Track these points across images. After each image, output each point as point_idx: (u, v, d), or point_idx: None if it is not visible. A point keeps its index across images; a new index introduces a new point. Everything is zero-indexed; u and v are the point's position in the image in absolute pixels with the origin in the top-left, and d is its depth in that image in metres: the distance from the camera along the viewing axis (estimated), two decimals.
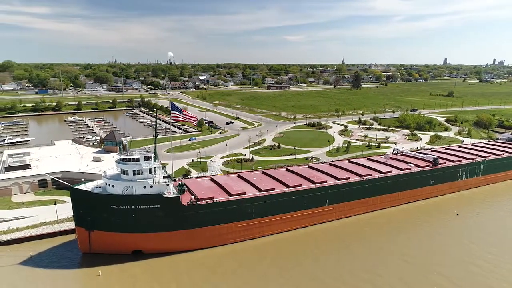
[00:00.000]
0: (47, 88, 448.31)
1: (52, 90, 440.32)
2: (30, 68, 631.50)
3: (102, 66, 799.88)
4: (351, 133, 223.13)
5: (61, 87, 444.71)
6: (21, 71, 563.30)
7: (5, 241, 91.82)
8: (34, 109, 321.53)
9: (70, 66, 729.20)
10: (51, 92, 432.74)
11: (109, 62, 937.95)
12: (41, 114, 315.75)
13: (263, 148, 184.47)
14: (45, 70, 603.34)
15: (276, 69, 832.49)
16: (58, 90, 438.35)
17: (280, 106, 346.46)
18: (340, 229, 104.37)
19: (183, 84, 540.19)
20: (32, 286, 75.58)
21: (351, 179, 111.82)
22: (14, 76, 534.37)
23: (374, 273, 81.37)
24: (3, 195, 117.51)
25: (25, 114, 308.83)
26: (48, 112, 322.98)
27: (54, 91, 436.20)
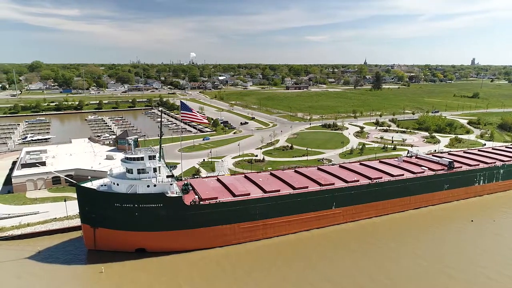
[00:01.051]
0: (71, 88, 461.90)
1: (76, 90, 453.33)
2: (57, 68, 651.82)
3: (125, 66, 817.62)
4: (367, 135, 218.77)
5: (83, 87, 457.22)
6: (48, 71, 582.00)
7: (16, 236, 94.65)
8: (57, 108, 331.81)
9: (95, 66, 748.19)
10: (75, 91, 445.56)
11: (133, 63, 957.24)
12: (64, 113, 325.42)
13: (276, 149, 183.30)
14: (71, 70, 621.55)
15: (296, 69, 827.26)
16: (81, 90, 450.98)
17: (297, 106, 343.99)
18: (347, 232, 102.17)
19: (202, 84, 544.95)
20: (36, 280, 77.43)
21: (360, 182, 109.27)
22: (41, 76, 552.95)
23: (381, 278, 79.08)
24: (18, 191, 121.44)
25: (48, 112, 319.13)
26: (70, 111, 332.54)
27: (78, 91, 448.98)
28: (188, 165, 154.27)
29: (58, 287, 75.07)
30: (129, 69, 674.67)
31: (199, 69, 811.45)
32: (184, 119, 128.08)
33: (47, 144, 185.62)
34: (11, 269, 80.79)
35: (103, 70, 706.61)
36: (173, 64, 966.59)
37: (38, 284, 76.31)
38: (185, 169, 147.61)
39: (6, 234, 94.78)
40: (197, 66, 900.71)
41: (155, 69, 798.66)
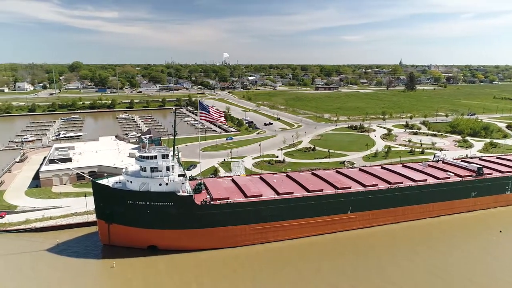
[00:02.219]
0: (106, 87, 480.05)
1: (110, 89, 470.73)
2: (94, 68, 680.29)
3: (159, 66, 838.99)
4: (394, 138, 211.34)
5: (117, 86, 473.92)
6: (86, 71, 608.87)
7: (38, 228, 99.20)
8: (91, 107, 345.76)
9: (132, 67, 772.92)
10: (109, 91, 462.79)
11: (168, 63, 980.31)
12: (97, 111, 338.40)
13: (298, 150, 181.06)
14: (108, 71, 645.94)
15: (327, 70, 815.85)
16: (115, 89, 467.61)
17: (324, 107, 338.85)
18: (363, 238, 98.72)
19: (231, 84, 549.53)
20: (50, 271, 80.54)
21: (378, 187, 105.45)
22: (80, 75, 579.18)
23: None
24: (45, 185, 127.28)
25: (83, 111, 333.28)
26: (104, 109, 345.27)
27: (112, 90, 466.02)
28: (209, 165, 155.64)
29: (69, 280, 77.60)
30: (162, 69, 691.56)
31: (230, 69, 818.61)
32: (202, 119, 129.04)
33: (77, 141, 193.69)
34: (30, 260, 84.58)
35: (138, 71, 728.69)
36: (205, 65, 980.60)
37: (51, 275, 79.35)
38: (205, 169, 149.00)
39: (30, 226, 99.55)
40: (229, 67, 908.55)
41: (187, 69, 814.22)
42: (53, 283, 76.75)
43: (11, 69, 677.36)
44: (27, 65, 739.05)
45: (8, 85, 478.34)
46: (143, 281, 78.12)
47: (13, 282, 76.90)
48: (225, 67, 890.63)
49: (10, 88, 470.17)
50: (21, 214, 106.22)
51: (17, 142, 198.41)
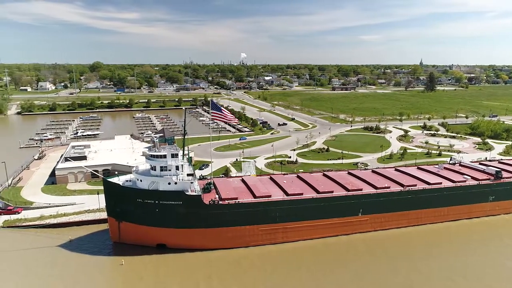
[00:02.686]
0: (124, 87, 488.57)
1: (128, 89, 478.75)
2: (113, 68, 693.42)
3: (177, 66, 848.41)
4: (411, 139, 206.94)
5: (135, 86, 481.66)
6: (105, 71, 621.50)
7: (52, 224, 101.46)
8: (109, 106, 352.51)
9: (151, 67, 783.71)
10: (127, 90, 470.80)
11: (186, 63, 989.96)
12: (115, 111, 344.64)
13: (311, 151, 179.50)
14: (127, 71, 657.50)
15: (344, 70, 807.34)
16: (133, 89, 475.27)
17: (340, 108, 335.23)
18: (374, 241, 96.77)
19: (247, 84, 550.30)
20: (60, 267, 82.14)
21: (390, 189, 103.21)
22: (100, 75, 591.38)
23: None
24: (60, 182, 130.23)
25: (101, 110, 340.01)
26: (121, 109, 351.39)
27: (130, 90, 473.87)
28: (221, 164, 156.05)
29: (78, 276, 78.92)
30: (179, 69, 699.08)
31: (246, 69, 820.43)
32: (214, 118, 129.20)
33: (94, 140, 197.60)
34: (42, 256, 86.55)
35: (157, 71, 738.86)
36: (223, 65, 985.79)
37: (61, 271, 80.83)
38: (217, 168, 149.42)
39: (44, 222, 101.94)
40: (246, 67, 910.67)
41: (205, 69, 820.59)
42: (62, 278, 78.13)
43: (35, 69, 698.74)
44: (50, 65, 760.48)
45: (31, 85, 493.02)
46: (151, 279, 78.65)
47: (24, 277, 78.75)
48: (242, 67, 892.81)
49: (33, 88, 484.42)
50: (37, 210, 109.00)
51: (36, 140, 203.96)
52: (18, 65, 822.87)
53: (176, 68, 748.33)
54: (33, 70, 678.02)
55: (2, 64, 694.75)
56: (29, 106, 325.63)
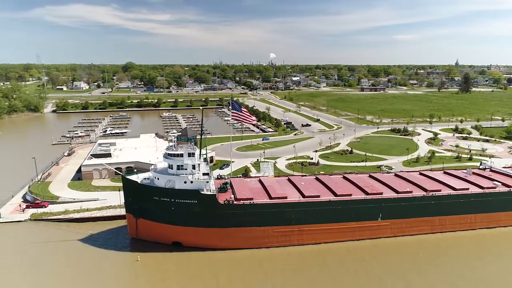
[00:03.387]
0: (154, 87, 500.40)
1: (157, 88, 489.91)
2: (145, 68, 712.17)
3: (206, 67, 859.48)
4: (440, 142, 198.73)
5: (164, 86, 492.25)
6: (137, 71, 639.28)
7: (75, 219, 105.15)
8: (138, 105, 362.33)
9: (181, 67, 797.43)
10: (156, 90, 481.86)
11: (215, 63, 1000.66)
12: (143, 110, 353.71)
13: (334, 152, 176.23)
14: (157, 71, 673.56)
15: (375, 70, 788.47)
16: (162, 88, 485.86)
17: (368, 109, 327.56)
18: (395, 247, 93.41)
19: (274, 85, 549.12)
20: (78, 261, 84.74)
21: (413, 193, 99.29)
22: (131, 75, 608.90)
23: None
24: (86, 179, 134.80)
25: (131, 109, 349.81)
26: (150, 108, 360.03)
27: (159, 89, 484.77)
28: (242, 164, 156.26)
29: (93, 270, 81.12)
30: (208, 70, 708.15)
31: (275, 69, 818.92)
32: (234, 118, 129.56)
33: (120, 138, 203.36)
34: (62, 249, 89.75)
35: (186, 71, 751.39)
36: (252, 65, 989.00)
37: (78, 264, 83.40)
38: (237, 168, 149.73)
39: (68, 217, 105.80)
40: (274, 67, 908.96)
41: (233, 69, 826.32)
42: (79, 271, 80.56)
43: (71, 69, 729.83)
44: (86, 65, 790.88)
45: (66, 84, 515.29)
46: (165, 276, 79.68)
47: (43, 268, 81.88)
48: (270, 67, 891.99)
49: (68, 87, 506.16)
50: (62, 205, 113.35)
51: (68, 137, 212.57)
52: (56, 65, 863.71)
53: (204, 68, 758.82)
54: (70, 70, 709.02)
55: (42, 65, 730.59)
56: (63, 104, 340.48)
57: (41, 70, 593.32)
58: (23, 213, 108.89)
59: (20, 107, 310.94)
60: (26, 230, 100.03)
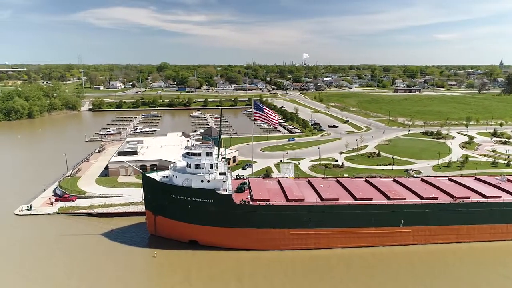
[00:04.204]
0: (185, 86, 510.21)
1: (189, 88, 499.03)
2: (178, 69, 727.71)
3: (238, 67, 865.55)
4: (476, 147, 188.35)
5: (195, 86, 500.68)
6: (170, 71, 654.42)
7: (99, 214, 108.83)
8: (169, 104, 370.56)
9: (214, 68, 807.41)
10: (188, 90, 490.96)
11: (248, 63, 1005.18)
12: (174, 109, 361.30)
13: (360, 155, 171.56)
14: (190, 71, 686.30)
15: (410, 70, 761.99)
16: (193, 88, 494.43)
17: (400, 111, 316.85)
18: (417, 255, 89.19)
19: (304, 85, 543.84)
20: (97, 254, 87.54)
21: (438, 200, 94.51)
22: (165, 75, 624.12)
23: None
24: (112, 175, 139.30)
25: (162, 108, 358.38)
26: (180, 107, 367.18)
27: (190, 89, 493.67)
28: (265, 165, 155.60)
29: (110, 264, 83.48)
30: (239, 70, 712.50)
31: (307, 70, 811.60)
32: (256, 118, 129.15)
33: (150, 136, 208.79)
34: (84, 242, 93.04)
35: (219, 71, 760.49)
36: (284, 65, 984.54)
37: (96, 257, 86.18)
38: (260, 169, 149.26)
39: (92, 211, 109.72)
40: (307, 67, 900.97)
41: (265, 70, 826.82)
42: (96, 264, 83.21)
43: (109, 69, 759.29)
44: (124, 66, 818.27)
45: (103, 84, 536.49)
46: (180, 273, 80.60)
47: (64, 259, 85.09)
48: (303, 67, 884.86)
49: (105, 86, 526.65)
50: (88, 200, 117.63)
51: (100, 135, 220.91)
52: (96, 65, 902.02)
53: (236, 69, 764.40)
54: (108, 70, 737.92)
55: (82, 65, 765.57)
56: (99, 103, 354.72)
57: (81, 70, 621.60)
58: (52, 206, 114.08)
59: (59, 105, 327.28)
60: (53, 223, 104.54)
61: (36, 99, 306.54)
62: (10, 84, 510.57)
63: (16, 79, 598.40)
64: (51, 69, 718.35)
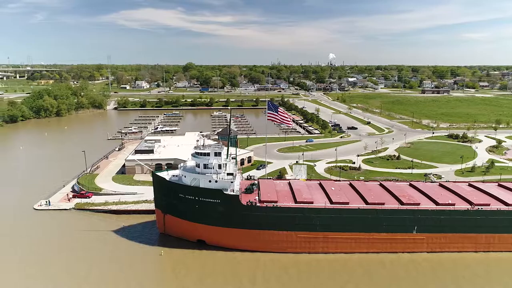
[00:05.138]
0: (208, 86, 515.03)
1: (212, 88, 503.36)
2: (203, 69, 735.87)
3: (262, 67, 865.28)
4: (504, 151, 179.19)
5: (217, 86, 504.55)
6: (194, 71, 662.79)
7: (112, 210, 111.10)
8: (192, 104, 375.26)
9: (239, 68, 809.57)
10: (211, 89, 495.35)
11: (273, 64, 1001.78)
12: (196, 108, 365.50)
13: (379, 157, 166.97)
14: (215, 71, 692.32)
15: (440, 71, 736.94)
16: (216, 88, 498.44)
17: (426, 112, 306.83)
18: (432, 263, 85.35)
19: (328, 86, 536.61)
20: (105, 250, 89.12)
21: (455, 206, 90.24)
22: (189, 75, 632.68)
23: None
24: (129, 173, 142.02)
25: (184, 107, 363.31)
26: (202, 107, 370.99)
27: (213, 89, 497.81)
28: (280, 166, 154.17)
29: (116, 260, 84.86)
30: (263, 70, 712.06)
31: (332, 70, 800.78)
32: (269, 119, 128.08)
33: (170, 135, 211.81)
34: (95, 237, 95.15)
35: (243, 71, 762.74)
36: (310, 66, 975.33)
37: (104, 253, 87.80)
38: (274, 170, 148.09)
39: (106, 208, 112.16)
40: (332, 68, 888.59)
41: (289, 70, 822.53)
42: (104, 260, 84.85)
43: (136, 69, 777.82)
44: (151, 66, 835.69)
45: (130, 83, 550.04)
46: (185, 272, 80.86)
47: (74, 254, 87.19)
48: (327, 68, 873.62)
49: (131, 86, 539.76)
50: (103, 197, 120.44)
51: (122, 133, 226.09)
52: (124, 66, 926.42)
53: (260, 69, 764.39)
54: (135, 70, 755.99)
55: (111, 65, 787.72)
56: (124, 102, 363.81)
57: (108, 70, 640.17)
58: (69, 202, 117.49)
59: (86, 104, 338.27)
60: (68, 218, 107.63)
61: (64, 98, 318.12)
62: (42, 83, 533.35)
63: (48, 79, 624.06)
64: (82, 69, 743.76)
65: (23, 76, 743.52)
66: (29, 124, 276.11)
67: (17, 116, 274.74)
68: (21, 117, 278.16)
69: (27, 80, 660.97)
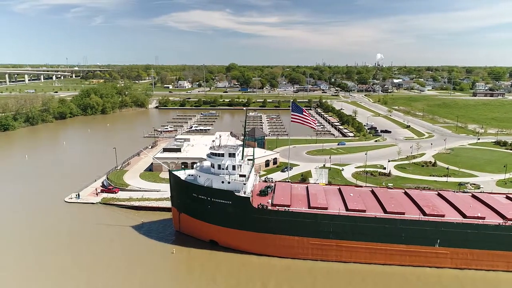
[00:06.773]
0: (248, 87, 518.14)
1: (251, 89, 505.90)
2: (244, 69, 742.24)
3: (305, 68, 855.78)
4: None
5: (256, 86, 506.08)
6: (236, 72, 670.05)
7: (134, 206, 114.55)
8: (229, 104, 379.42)
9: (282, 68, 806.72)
10: (250, 90, 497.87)
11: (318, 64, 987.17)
12: (233, 108, 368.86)
13: (414, 163, 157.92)
14: (257, 72, 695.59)
15: (497, 72, 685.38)
16: (255, 89, 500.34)
17: (474, 117, 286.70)
18: (455, 281, 79.01)
19: (370, 87, 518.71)
20: (122, 244, 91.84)
21: (485, 220, 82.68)
22: (231, 76, 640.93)
23: None
24: (156, 170, 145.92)
25: (222, 107, 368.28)
26: (239, 107, 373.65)
27: (253, 89, 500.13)
28: (306, 168, 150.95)
29: (128, 255, 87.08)
30: (304, 71, 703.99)
31: (377, 71, 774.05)
32: (293, 120, 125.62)
33: (203, 134, 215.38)
34: (114, 232, 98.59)
35: (286, 72, 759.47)
36: (355, 67, 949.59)
37: (118, 247, 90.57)
38: (300, 172, 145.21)
39: (129, 204, 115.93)
40: (379, 68, 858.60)
41: (332, 71, 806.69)
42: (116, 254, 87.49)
43: (181, 69, 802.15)
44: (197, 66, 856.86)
45: (173, 83, 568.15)
46: (193, 271, 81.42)
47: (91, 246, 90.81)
48: (373, 68, 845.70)
49: (174, 86, 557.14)
50: (128, 193, 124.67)
51: (158, 131, 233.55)
52: (171, 66, 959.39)
53: (301, 70, 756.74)
54: (179, 70, 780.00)
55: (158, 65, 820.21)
56: (165, 101, 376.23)
57: (151, 70, 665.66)
58: (96, 196, 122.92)
59: (129, 103, 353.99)
60: (93, 212, 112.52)
61: (109, 97, 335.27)
62: (94, 83, 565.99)
63: (100, 78, 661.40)
64: (131, 69, 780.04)
65: (79, 75, 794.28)
66: (76, 120, 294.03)
67: (66, 113, 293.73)
68: (69, 114, 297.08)
69: (81, 80, 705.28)
